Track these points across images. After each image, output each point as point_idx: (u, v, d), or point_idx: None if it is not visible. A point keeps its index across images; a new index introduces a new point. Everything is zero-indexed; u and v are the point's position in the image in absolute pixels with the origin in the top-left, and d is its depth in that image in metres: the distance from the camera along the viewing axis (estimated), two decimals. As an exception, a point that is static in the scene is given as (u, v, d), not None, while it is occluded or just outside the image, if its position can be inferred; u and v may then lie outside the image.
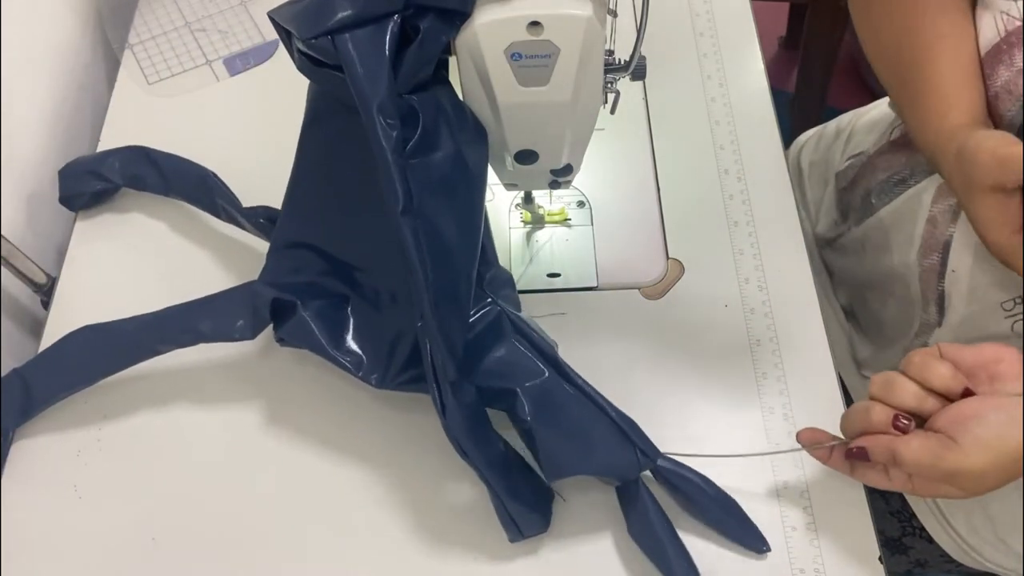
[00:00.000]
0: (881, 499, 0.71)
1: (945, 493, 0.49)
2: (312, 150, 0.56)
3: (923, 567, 0.75)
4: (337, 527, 0.59)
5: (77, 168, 0.72)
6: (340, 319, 0.59)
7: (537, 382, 0.56)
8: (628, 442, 0.55)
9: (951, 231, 0.61)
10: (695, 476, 0.57)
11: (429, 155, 0.49)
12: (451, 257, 0.52)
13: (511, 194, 0.72)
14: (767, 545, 0.56)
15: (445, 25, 0.46)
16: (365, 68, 0.45)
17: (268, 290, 0.59)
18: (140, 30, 0.84)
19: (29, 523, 0.60)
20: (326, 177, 0.56)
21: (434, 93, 0.49)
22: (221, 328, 0.61)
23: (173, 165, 0.71)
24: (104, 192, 0.72)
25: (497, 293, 0.59)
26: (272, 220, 0.66)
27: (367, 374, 0.58)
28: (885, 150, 0.70)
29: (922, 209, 0.64)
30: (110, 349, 0.62)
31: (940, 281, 0.62)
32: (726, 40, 0.81)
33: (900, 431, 0.49)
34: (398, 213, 0.48)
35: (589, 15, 0.45)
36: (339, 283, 0.59)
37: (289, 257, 0.60)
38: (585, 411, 0.56)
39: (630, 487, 0.56)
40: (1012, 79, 0.53)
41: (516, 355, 0.57)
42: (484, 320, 0.58)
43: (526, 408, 0.55)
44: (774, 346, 0.64)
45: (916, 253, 0.64)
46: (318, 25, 0.45)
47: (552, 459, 0.55)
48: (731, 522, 0.57)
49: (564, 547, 0.57)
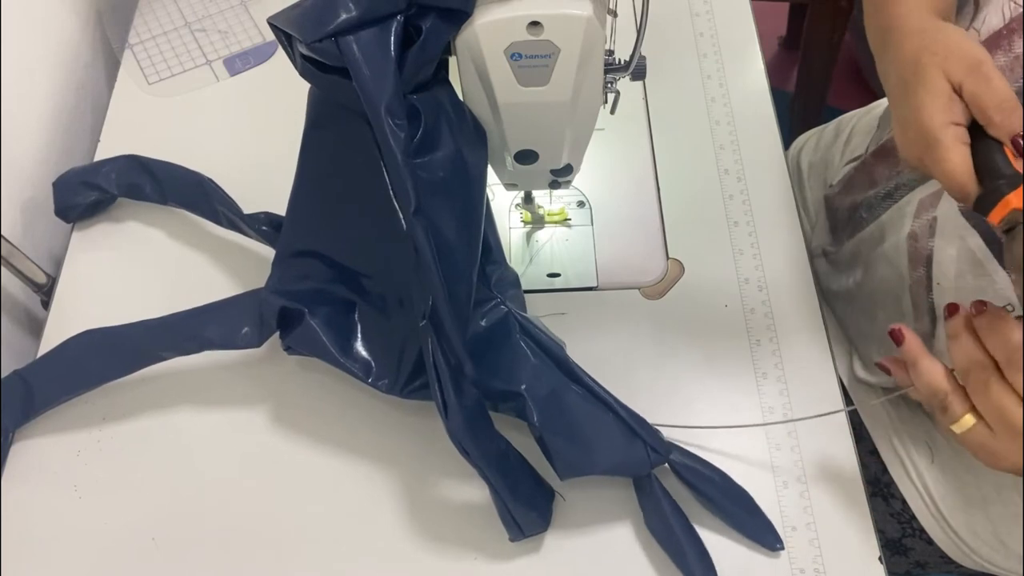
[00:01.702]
0: (882, 500, 0.71)
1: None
2: (314, 156, 0.56)
3: (923, 568, 0.75)
4: (338, 527, 0.59)
5: (71, 178, 0.72)
6: (348, 326, 0.59)
7: (544, 383, 0.56)
8: (638, 439, 0.55)
9: (931, 244, 0.61)
10: (709, 471, 0.57)
11: (430, 155, 0.49)
12: (452, 257, 0.52)
13: (511, 194, 0.72)
14: (781, 543, 0.56)
15: (447, 25, 0.46)
16: (371, 70, 0.45)
17: (276, 299, 0.58)
18: (140, 30, 0.84)
19: (29, 523, 0.60)
20: (330, 183, 0.56)
21: (434, 93, 0.49)
22: (227, 335, 0.61)
23: (169, 172, 0.71)
24: (100, 203, 0.72)
25: (504, 293, 0.59)
26: (273, 225, 0.66)
27: (376, 380, 0.58)
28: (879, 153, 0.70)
29: (905, 223, 0.64)
30: (113, 354, 0.62)
31: (928, 294, 0.62)
32: (726, 40, 0.81)
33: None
34: (411, 214, 0.48)
35: (589, 15, 0.45)
36: (346, 290, 0.59)
37: (295, 266, 0.60)
38: (594, 410, 0.56)
39: (644, 481, 0.56)
40: (1008, 64, 0.53)
41: (523, 356, 0.57)
42: (491, 320, 0.58)
43: (534, 411, 0.55)
44: (774, 346, 0.64)
45: (905, 268, 0.64)
46: (321, 28, 0.45)
47: (564, 460, 0.55)
48: (745, 517, 0.57)
49: (564, 546, 0.57)
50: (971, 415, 0.48)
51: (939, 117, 0.46)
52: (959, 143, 0.45)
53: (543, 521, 0.57)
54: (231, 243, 0.70)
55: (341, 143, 0.53)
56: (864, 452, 0.71)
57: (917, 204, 0.63)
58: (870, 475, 0.71)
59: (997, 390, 0.46)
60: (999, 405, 0.46)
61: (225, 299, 0.63)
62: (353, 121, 0.49)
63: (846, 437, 0.61)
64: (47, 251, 0.75)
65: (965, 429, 0.48)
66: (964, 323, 0.47)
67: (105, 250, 0.71)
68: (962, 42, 0.48)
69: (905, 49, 0.51)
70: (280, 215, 0.65)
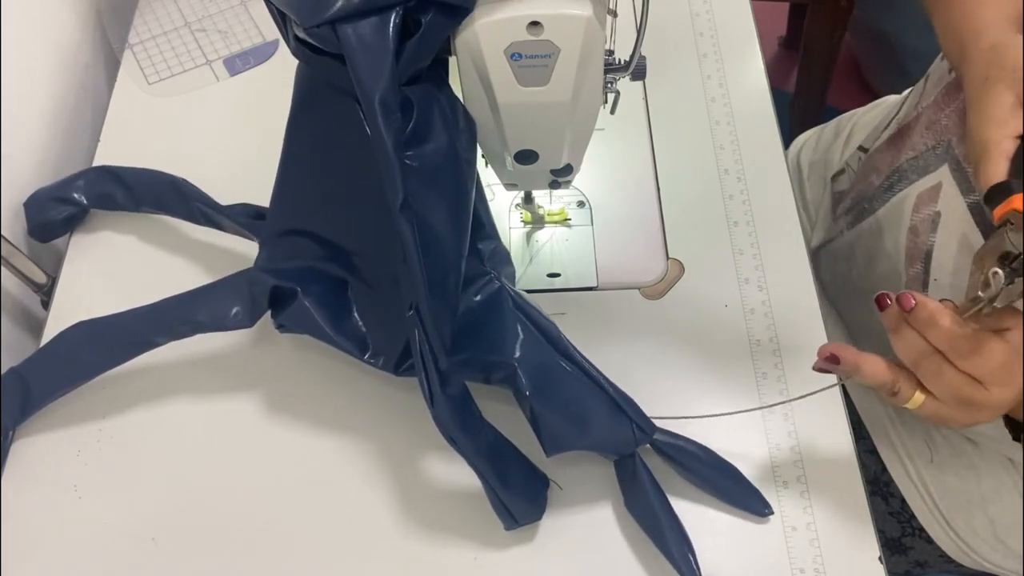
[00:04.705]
0: (881, 500, 0.71)
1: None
2: (302, 135, 0.55)
3: (923, 567, 0.75)
4: (335, 518, 0.59)
5: (41, 197, 0.71)
6: (341, 304, 0.59)
7: (535, 356, 0.56)
8: (625, 417, 0.56)
9: (932, 240, 0.61)
10: (692, 446, 0.58)
11: (422, 146, 0.49)
12: (441, 248, 0.52)
13: (511, 194, 0.72)
14: (769, 508, 0.57)
15: (447, 19, 0.46)
16: (368, 60, 0.45)
17: (266, 277, 0.58)
18: (140, 30, 0.84)
19: (29, 523, 0.60)
20: (318, 162, 0.56)
21: (428, 85, 0.49)
22: (218, 317, 0.60)
23: (140, 178, 0.70)
24: (73, 217, 0.71)
25: (498, 270, 0.60)
26: (253, 216, 0.65)
27: (372, 356, 0.58)
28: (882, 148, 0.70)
29: (904, 218, 0.64)
30: (106, 343, 0.62)
31: (924, 291, 0.62)
32: (726, 40, 0.81)
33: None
34: (398, 208, 0.48)
35: (589, 15, 0.45)
36: (337, 267, 0.59)
37: (285, 245, 0.59)
38: (583, 387, 0.56)
39: (627, 462, 0.57)
40: None
41: (515, 328, 0.58)
42: (485, 294, 0.58)
43: (524, 382, 0.55)
44: (774, 346, 0.64)
45: (902, 263, 0.64)
46: (320, 13, 0.44)
47: (551, 433, 0.56)
48: (732, 487, 0.58)
49: (560, 533, 0.58)
50: (920, 392, 0.49)
51: (995, 131, 0.49)
52: (1003, 157, 0.48)
53: (537, 510, 0.57)
54: (213, 242, 0.70)
55: (329, 122, 0.52)
56: (863, 451, 0.71)
57: (916, 199, 0.63)
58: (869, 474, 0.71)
59: (951, 375, 0.47)
60: (955, 388, 0.47)
61: (215, 281, 0.62)
62: (341, 100, 0.49)
63: (846, 437, 0.61)
64: (47, 251, 0.75)
65: (917, 406, 0.49)
66: (901, 316, 0.49)
67: (105, 249, 0.71)
68: None
69: (978, 65, 0.53)
70: (257, 205, 0.65)
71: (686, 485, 0.59)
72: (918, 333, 0.48)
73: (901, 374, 0.49)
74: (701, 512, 0.58)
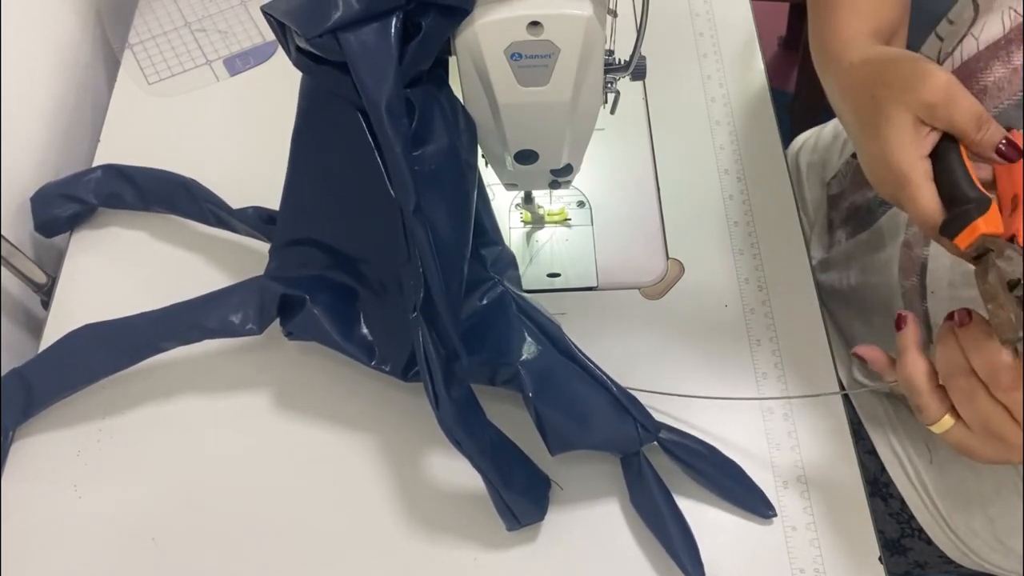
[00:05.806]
0: (880, 500, 0.71)
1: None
2: (307, 146, 0.55)
3: (922, 568, 0.75)
4: (336, 518, 0.59)
5: (49, 191, 0.71)
6: (349, 311, 0.59)
7: (539, 358, 0.57)
8: (629, 417, 0.56)
9: (926, 252, 0.61)
10: (699, 444, 0.58)
11: (424, 148, 0.49)
12: (444, 251, 0.52)
13: (511, 194, 0.72)
14: (773, 510, 0.57)
15: (447, 21, 0.46)
16: (372, 67, 0.45)
17: (276, 286, 0.59)
18: (140, 30, 0.84)
19: (29, 523, 0.60)
20: (324, 171, 0.56)
21: (429, 86, 0.49)
22: (227, 324, 0.61)
23: (150, 178, 0.71)
24: (80, 215, 0.72)
25: (502, 274, 0.60)
26: (263, 218, 0.66)
27: (379, 363, 0.59)
28: None
29: (899, 231, 0.64)
30: (112, 347, 0.62)
31: (923, 302, 0.62)
32: (726, 40, 0.81)
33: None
34: (411, 211, 0.48)
35: (589, 15, 0.45)
36: (345, 275, 0.60)
37: (293, 254, 0.60)
38: (587, 387, 0.57)
39: (632, 459, 0.57)
40: (1007, 76, 0.53)
41: (519, 331, 0.58)
42: (489, 299, 0.59)
43: (529, 383, 0.56)
44: (774, 346, 0.64)
45: (896, 277, 0.64)
46: (321, 23, 0.44)
47: (556, 433, 0.56)
48: (736, 487, 0.58)
49: (561, 533, 0.58)
50: (950, 416, 0.47)
51: (907, 154, 0.46)
52: (928, 180, 0.46)
53: (539, 510, 0.57)
54: (228, 240, 0.70)
55: (334, 132, 0.53)
56: (862, 452, 0.71)
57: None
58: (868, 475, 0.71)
59: (984, 402, 0.45)
60: (986, 416, 0.45)
61: (224, 288, 0.63)
62: (345, 110, 0.49)
63: (846, 437, 0.61)
64: (47, 251, 0.75)
65: (944, 430, 0.48)
66: (951, 330, 0.47)
67: (105, 249, 0.71)
68: (916, 69, 0.47)
69: (853, 81, 0.51)
70: (268, 208, 0.66)
71: (688, 483, 0.59)
72: (962, 351, 0.46)
73: (932, 391, 0.47)
74: (702, 511, 0.58)
